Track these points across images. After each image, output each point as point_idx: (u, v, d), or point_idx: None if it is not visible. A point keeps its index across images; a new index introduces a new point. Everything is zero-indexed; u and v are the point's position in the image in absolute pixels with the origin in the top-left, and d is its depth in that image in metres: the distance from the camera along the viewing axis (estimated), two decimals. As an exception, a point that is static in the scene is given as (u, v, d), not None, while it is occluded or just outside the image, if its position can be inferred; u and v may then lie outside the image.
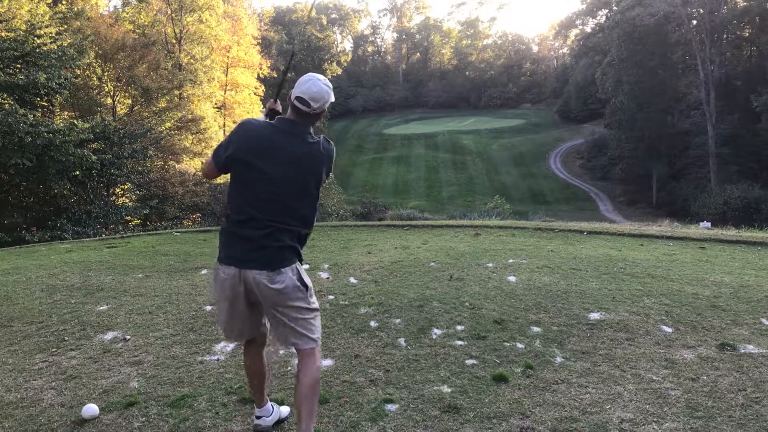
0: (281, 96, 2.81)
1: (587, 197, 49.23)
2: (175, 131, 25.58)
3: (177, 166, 23.58)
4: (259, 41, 45.25)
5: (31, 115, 12.57)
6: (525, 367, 3.48)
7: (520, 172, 56.82)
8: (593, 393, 3.13)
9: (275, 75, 44.82)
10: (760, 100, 39.97)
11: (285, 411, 2.92)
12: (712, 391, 3.14)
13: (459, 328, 4.23)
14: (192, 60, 31.12)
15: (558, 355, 3.69)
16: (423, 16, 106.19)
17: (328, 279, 5.92)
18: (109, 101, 23.05)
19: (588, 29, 76.30)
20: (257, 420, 2.76)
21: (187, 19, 32.05)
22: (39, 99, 14.55)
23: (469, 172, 56.86)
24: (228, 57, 36.14)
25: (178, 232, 10.72)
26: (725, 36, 49.34)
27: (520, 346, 3.86)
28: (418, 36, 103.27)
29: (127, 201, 17.87)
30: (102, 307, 4.99)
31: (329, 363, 3.60)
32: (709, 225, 17.10)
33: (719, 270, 6.23)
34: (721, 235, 8.97)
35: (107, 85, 22.93)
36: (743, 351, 3.75)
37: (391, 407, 3.00)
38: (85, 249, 8.59)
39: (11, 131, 11.95)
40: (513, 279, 5.72)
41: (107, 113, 21.95)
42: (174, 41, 31.84)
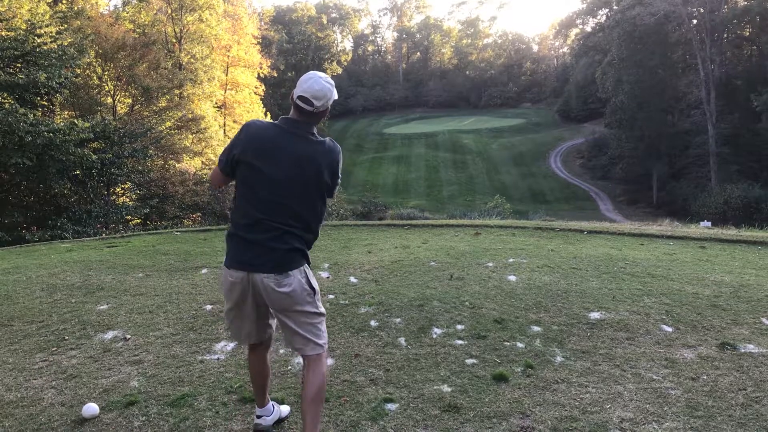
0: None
1: (587, 197, 49.21)
2: (176, 130, 25.57)
3: (177, 165, 23.59)
4: (260, 40, 45.25)
5: (32, 115, 12.58)
6: (525, 367, 3.48)
7: (520, 171, 56.82)
8: (593, 392, 3.13)
9: (275, 74, 44.86)
10: (760, 99, 39.90)
11: (285, 410, 2.92)
12: (712, 391, 3.14)
13: (459, 327, 4.23)
14: (192, 59, 31.12)
15: (558, 355, 3.69)
16: (423, 15, 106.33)
17: (328, 278, 5.91)
18: (110, 100, 23.06)
19: (588, 28, 76.21)
20: (258, 419, 2.76)
21: (188, 19, 32.05)
22: (39, 98, 14.55)
23: (470, 171, 56.89)
24: (228, 56, 36.14)
25: (178, 231, 10.71)
26: (726, 35, 49.30)
27: (520, 345, 3.86)
28: (418, 35, 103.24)
29: (128, 200, 17.86)
30: (102, 307, 4.99)
31: (329, 362, 3.59)
32: (710, 224, 17.13)
33: (719, 269, 6.23)
34: (722, 235, 8.96)
35: (107, 85, 22.94)
36: (743, 350, 3.75)
37: (391, 406, 3.00)
38: (86, 248, 8.58)
39: (11, 130, 11.96)
40: (513, 278, 5.72)
41: (107, 112, 21.94)
42: (174, 40, 31.83)
